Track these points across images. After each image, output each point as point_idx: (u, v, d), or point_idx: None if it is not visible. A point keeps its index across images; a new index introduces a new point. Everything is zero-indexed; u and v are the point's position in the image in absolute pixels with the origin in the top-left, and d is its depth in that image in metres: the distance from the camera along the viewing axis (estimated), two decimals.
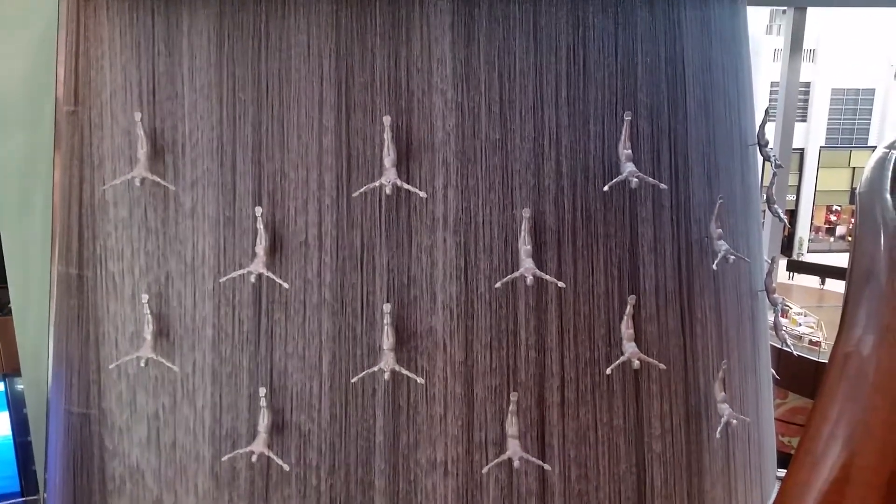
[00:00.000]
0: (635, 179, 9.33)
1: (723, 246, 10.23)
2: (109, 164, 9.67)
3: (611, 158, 9.66)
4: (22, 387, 12.28)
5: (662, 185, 9.75)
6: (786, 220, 14.24)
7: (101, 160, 9.80)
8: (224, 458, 9.50)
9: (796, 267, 27.28)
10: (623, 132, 9.56)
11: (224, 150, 9.44)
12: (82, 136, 9.90)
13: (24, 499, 12.25)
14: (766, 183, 13.57)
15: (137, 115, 9.24)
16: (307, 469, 9.51)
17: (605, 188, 9.50)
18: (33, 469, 12.24)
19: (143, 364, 9.51)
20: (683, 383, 10.51)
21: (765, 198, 13.41)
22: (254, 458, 9.34)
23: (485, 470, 9.69)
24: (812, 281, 26.29)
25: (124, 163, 9.56)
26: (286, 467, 9.42)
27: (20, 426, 12.55)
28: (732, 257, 10.27)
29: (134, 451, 9.83)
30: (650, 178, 9.55)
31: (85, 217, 9.91)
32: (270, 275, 9.22)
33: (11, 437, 12.78)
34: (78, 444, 10.30)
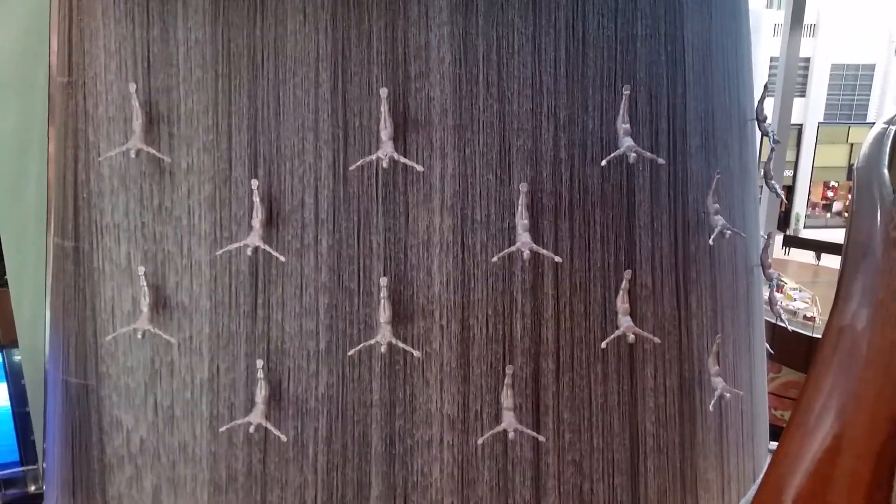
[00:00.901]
0: (633, 154, 9.31)
1: (719, 221, 10.25)
2: (104, 135, 9.62)
3: (609, 133, 9.66)
4: (19, 357, 12.35)
5: (660, 160, 9.74)
6: (783, 196, 14.29)
7: (96, 132, 9.76)
8: (222, 430, 9.60)
9: (792, 242, 27.35)
10: (621, 106, 9.64)
11: (219, 123, 9.41)
12: (76, 107, 9.88)
13: (23, 468, 12.38)
14: (764, 158, 13.59)
15: (132, 86, 9.17)
16: (304, 440, 9.61)
17: (603, 163, 9.45)
18: (32, 439, 12.36)
19: (140, 336, 9.55)
20: (678, 357, 10.61)
21: (762, 173, 13.46)
22: (251, 430, 9.43)
23: (480, 441, 9.80)
24: (807, 256, 26.39)
25: (119, 134, 9.56)
26: (284, 438, 9.52)
27: (18, 397, 12.65)
28: (729, 232, 10.30)
29: (132, 422, 9.91)
30: (648, 153, 9.54)
31: (80, 189, 9.89)
32: (267, 248, 9.23)
33: (10, 408, 12.89)
34: (76, 414, 10.40)
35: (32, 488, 12.05)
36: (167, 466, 9.72)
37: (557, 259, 9.43)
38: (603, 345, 9.60)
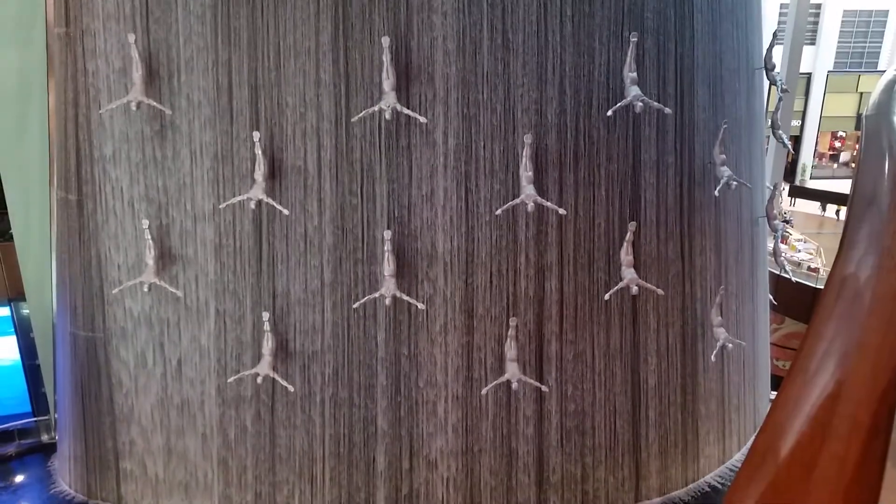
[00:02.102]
0: (640, 104, 9.19)
1: (725, 172, 10.18)
2: (104, 87, 9.55)
3: (615, 82, 9.51)
4: (27, 311, 12.46)
5: (667, 110, 9.58)
6: (790, 146, 14.13)
7: (96, 84, 9.68)
8: (230, 380, 9.74)
9: (798, 193, 27.11)
10: (628, 55, 9.42)
11: (219, 74, 9.25)
12: (75, 59, 9.76)
13: (35, 419, 12.62)
14: (772, 108, 13.39)
15: (131, 38, 9.07)
16: (311, 391, 9.76)
17: (609, 113, 9.41)
18: (43, 391, 12.56)
19: (146, 289, 9.62)
20: (681, 308, 10.66)
21: (769, 123, 13.28)
22: (259, 380, 9.57)
23: (484, 391, 9.95)
24: (813, 207, 26.17)
25: (119, 87, 9.47)
26: (291, 389, 9.67)
27: (28, 349, 12.80)
28: (735, 183, 10.24)
29: (140, 373, 10.06)
30: (655, 103, 9.40)
31: (82, 142, 9.87)
32: (270, 201, 9.23)
33: (20, 361, 13.07)
34: (85, 365, 10.54)
35: (45, 438, 12.28)
36: (176, 416, 9.88)
37: (562, 211, 9.39)
38: (606, 297, 9.64)
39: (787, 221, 23.71)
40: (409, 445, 9.65)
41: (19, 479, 11.42)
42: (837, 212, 25.82)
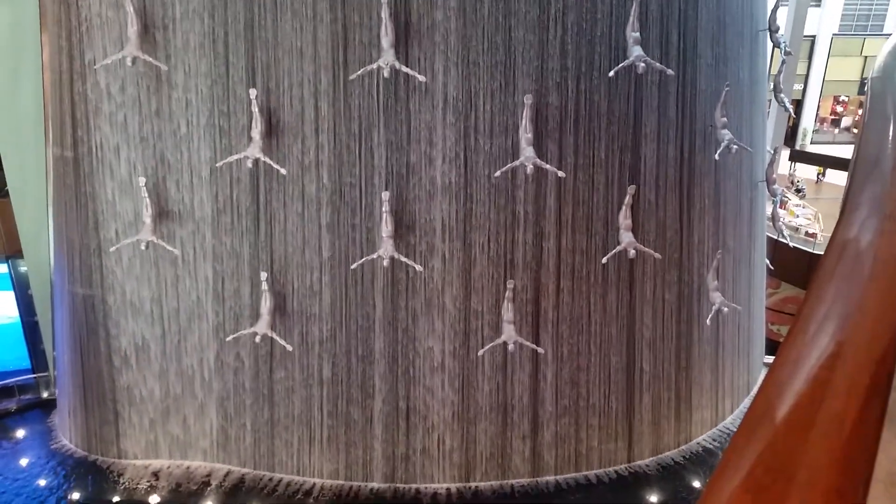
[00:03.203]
0: (642, 64, 9.06)
1: (726, 135, 10.10)
2: (99, 42, 9.41)
3: (618, 42, 9.38)
4: (25, 268, 12.46)
5: (669, 71, 9.46)
6: (791, 110, 14.00)
7: (90, 39, 9.54)
8: (229, 339, 9.80)
9: (799, 157, 26.90)
10: (631, 13, 9.30)
11: (215, 29, 9.03)
12: (69, 13, 9.55)
13: (34, 375, 12.71)
14: (774, 71, 13.24)
15: None
16: (309, 350, 9.83)
17: (611, 73, 9.33)
18: (42, 348, 12.63)
19: (143, 247, 9.60)
20: (678, 272, 10.68)
21: (772, 86, 13.16)
22: (257, 339, 9.62)
23: (480, 353, 10.02)
24: (813, 172, 26.02)
25: (114, 42, 9.32)
26: (289, 348, 9.72)
27: (26, 306, 12.84)
28: (735, 147, 10.17)
29: (138, 331, 10.09)
30: (657, 64, 9.33)
31: (76, 98, 9.74)
32: (267, 160, 9.17)
33: (19, 318, 13.11)
34: (83, 323, 10.56)
35: (45, 394, 12.39)
36: (174, 374, 9.96)
37: (561, 174, 9.34)
38: (604, 260, 9.65)
39: (798, 191, 23.41)
40: (406, 406, 9.75)
41: (20, 434, 11.55)
42: (820, 174, 25.53)
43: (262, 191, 9.13)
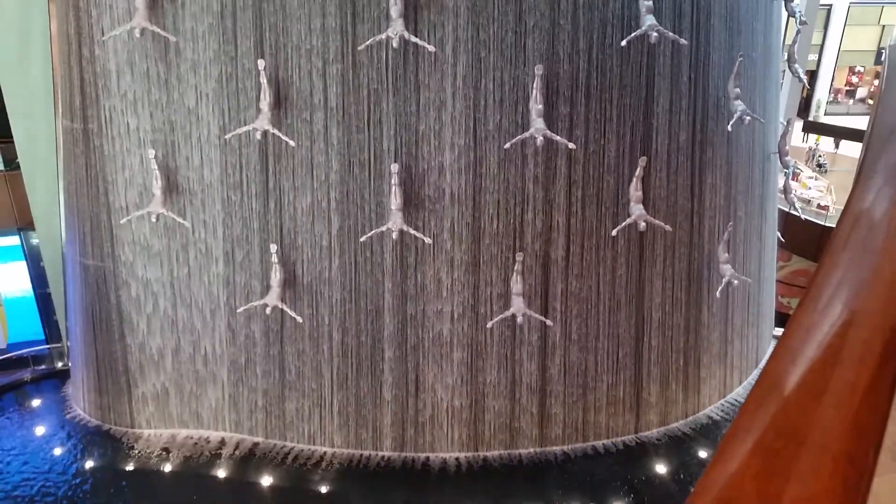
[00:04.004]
0: (655, 34, 8.92)
1: (739, 106, 9.98)
2: (107, 14, 9.32)
3: (630, 11, 9.23)
4: (37, 241, 12.55)
5: (682, 41, 9.32)
6: (805, 81, 13.80)
7: (98, 10, 9.44)
8: (239, 310, 9.87)
9: (812, 128, 26.51)
10: None
11: (224, 0, 9.03)
12: None
13: (48, 346, 12.87)
14: (789, 41, 13.03)
15: None
16: (319, 322, 9.89)
17: (623, 43, 9.20)
18: (55, 319, 12.78)
19: (154, 219, 9.64)
20: (688, 245, 10.64)
21: (786, 56, 12.95)
22: (268, 311, 9.69)
23: (489, 325, 10.06)
24: (826, 144, 25.70)
25: (122, 12, 9.20)
26: (299, 319, 9.79)
27: (39, 278, 12.97)
28: (748, 118, 10.06)
29: (150, 302, 10.18)
30: (670, 33, 9.22)
31: (85, 70, 9.72)
32: (276, 132, 9.13)
33: (32, 289, 13.26)
34: (95, 294, 10.66)
35: (59, 365, 12.56)
36: (187, 345, 10.06)
37: (571, 146, 9.27)
38: (613, 233, 9.62)
39: (819, 166, 22.98)
40: (416, 376, 9.83)
41: (35, 403, 11.74)
42: (811, 143, 25.02)
43: (272, 162, 9.12)
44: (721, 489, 1.07)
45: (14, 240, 13.12)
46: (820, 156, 23.50)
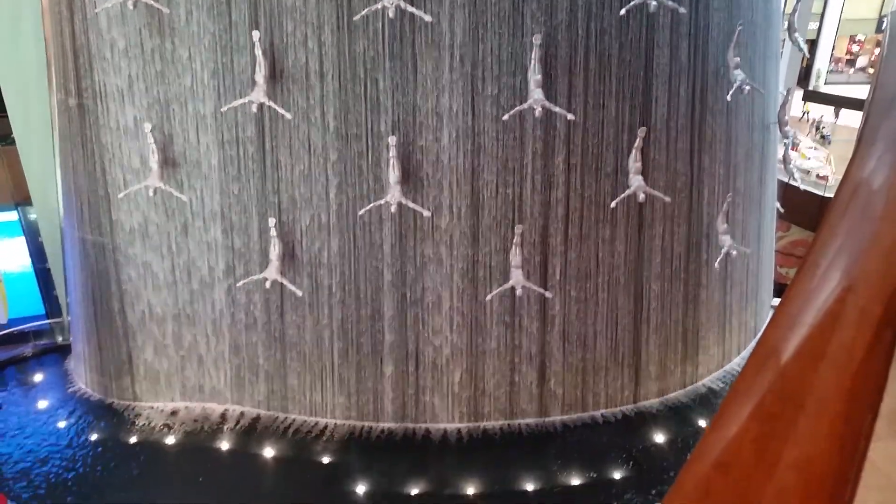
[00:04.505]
0: (654, 2, 8.79)
1: (739, 76, 9.90)
2: None
3: None
4: (35, 216, 12.52)
5: (682, 9, 9.20)
6: (805, 50, 13.66)
7: None
8: (239, 284, 9.87)
9: (812, 97, 26.28)
10: None
11: None
12: None
13: (49, 321, 12.90)
14: (789, 10, 12.88)
15: None
16: (319, 295, 9.91)
17: (623, 12, 9.10)
18: (55, 294, 12.79)
19: (151, 193, 9.61)
20: (687, 216, 10.63)
21: (786, 26, 12.82)
22: (267, 285, 9.70)
23: (488, 298, 10.08)
24: (827, 114, 25.53)
25: None
26: (299, 293, 9.81)
27: (38, 253, 12.96)
28: (748, 88, 9.99)
29: (149, 276, 10.18)
30: (670, 2, 9.03)
31: (78, 43, 9.59)
32: (272, 104, 9.06)
33: (32, 265, 13.25)
34: (94, 269, 10.64)
35: (60, 339, 12.60)
36: (186, 319, 10.09)
37: (570, 117, 9.22)
38: (613, 204, 9.61)
39: (823, 137, 22.66)
40: (416, 347, 9.88)
41: (37, 378, 11.80)
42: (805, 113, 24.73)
43: (268, 136, 9.07)
44: (720, 452, 1.08)
45: (12, 215, 13.08)
46: (823, 127, 23.18)
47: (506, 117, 8.75)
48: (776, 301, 12.75)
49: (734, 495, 1.03)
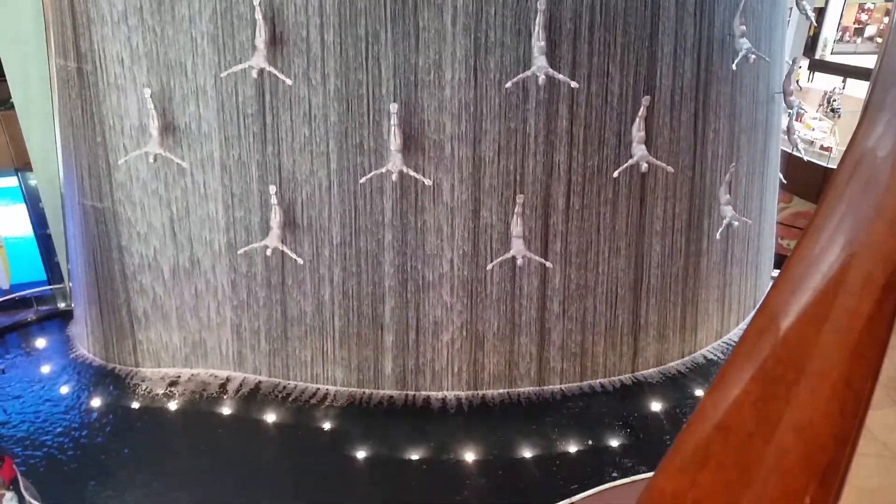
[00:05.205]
0: None
1: (745, 44, 9.78)
2: None
3: None
4: (35, 182, 12.47)
5: None
6: (813, 19, 13.47)
7: None
8: (240, 252, 9.88)
9: (819, 66, 25.91)
10: None
11: None
12: None
13: (50, 287, 12.94)
14: None
15: None
16: (320, 263, 9.92)
17: None
18: (56, 260, 12.81)
19: (151, 160, 9.56)
20: (689, 186, 10.58)
21: None
22: (268, 253, 9.70)
23: (489, 267, 10.09)
24: (832, 85, 25.26)
25: None
26: (300, 261, 9.82)
27: (39, 219, 12.94)
28: (753, 57, 9.87)
29: (150, 242, 10.18)
30: None
31: (78, 6, 9.48)
32: (272, 70, 8.98)
33: (33, 230, 13.24)
34: (95, 235, 10.65)
35: (62, 305, 12.65)
36: (188, 285, 10.12)
37: (574, 84, 9.12)
38: (615, 174, 9.56)
39: (833, 110, 22.20)
40: (416, 316, 9.91)
41: (40, 344, 11.87)
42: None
43: (268, 102, 8.99)
44: (721, 415, 1.09)
45: (12, 181, 13.03)
46: (835, 100, 22.58)
47: (509, 85, 8.67)
48: (776, 272, 12.76)
49: (734, 457, 1.03)
